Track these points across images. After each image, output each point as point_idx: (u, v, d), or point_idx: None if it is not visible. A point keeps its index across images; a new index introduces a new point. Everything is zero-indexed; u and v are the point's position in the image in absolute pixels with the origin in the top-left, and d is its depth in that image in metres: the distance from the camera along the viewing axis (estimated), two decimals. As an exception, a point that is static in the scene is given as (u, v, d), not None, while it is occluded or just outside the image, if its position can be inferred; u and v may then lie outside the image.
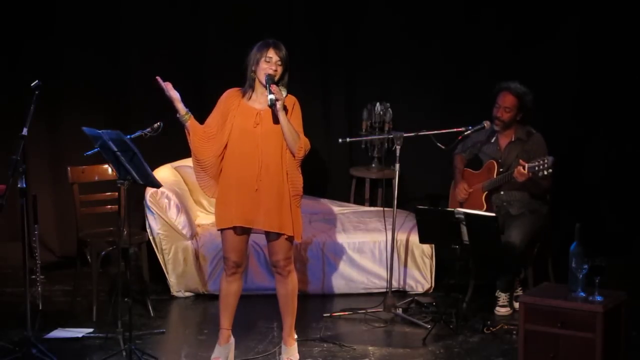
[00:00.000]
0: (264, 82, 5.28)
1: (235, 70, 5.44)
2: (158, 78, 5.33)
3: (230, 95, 5.44)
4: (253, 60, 5.33)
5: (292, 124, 5.29)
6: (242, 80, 5.41)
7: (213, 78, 7.73)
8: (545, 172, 6.23)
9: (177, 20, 7.84)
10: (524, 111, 6.60)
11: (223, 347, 5.55)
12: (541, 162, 6.23)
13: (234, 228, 5.37)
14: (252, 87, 5.38)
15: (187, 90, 7.86)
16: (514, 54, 7.76)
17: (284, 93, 5.33)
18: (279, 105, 5.24)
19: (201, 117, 7.44)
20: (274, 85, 5.26)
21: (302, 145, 5.31)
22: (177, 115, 5.38)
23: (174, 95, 5.38)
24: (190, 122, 5.39)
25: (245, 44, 5.41)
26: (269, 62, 5.29)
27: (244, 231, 5.42)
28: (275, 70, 5.29)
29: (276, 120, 5.29)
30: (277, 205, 5.33)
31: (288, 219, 5.34)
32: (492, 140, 6.71)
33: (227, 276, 5.48)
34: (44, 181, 7.66)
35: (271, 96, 5.21)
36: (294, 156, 5.32)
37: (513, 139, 6.64)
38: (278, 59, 5.30)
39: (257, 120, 5.33)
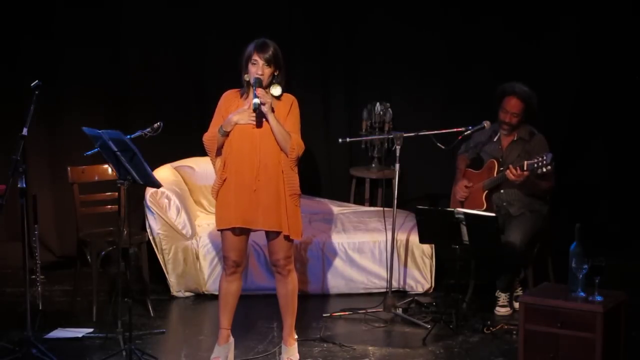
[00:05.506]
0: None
1: (235, 69, 5.44)
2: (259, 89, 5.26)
3: (228, 97, 5.44)
4: (243, 63, 5.35)
5: (282, 124, 5.28)
6: (242, 80, 5.41)
7: (213, 77, 7.73)
8: (544, 169, 6.24)
9: (177, 20, 7.84)
10: (530, 113, 6.60)
11: (222, 347, 5.55)
12: (540, 159, 6.23)
13: (233, 228, 5.38)
14: (248, 88, 5.38)
15: (187, 90, 7.96)
16: (515, 52, 7.76)
17: (279, 91, 5.33)
18: (264, 108, 5.24)
19: (201, 116, 7.47)
20: (260, 89, 5.26)
21: (294, 145, 5.31)
22: (226, 125, 5.33)
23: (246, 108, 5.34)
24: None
25: (245, 43, 5.40)
26: (255, 65, 5.30)
27: (244, 231, 5.41)
28: (262, 74, 5.29)
29: (265, 121, 5.29)
30: (275, 205, 5.33)
31: (286, 217, 5.35)
32: (495, 139, 6.71)
33: (227, 276, 5.48)
34: (44, 181, 7.66)
35: (255, 100, 5.22)
36: (287, 156, 5.33)
37: (515, 139, 6.64)
38: (263, 61, 5.29)
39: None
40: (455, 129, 6.57)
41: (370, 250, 7.02)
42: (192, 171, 7.50)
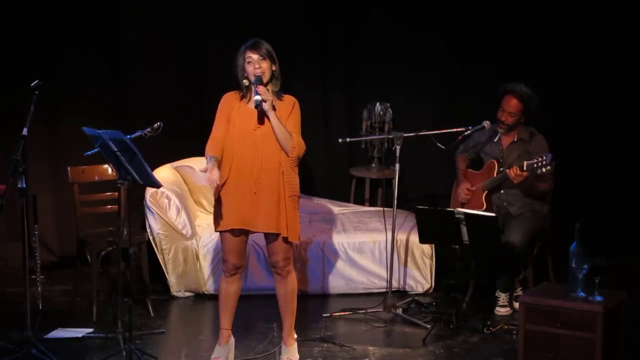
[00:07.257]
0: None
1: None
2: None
3: (229, 99, 5.44)
4: (240, 66, 5.35)
5: (283, 123, 5.29)
6: (240, 84, 5.40)
7: (214, 78, 7.73)
8: (544, 170, 6.25)
9: (177, 20, 7.84)
10: (528, 115, 6.60)
11: (223, 347, 5.55)
12: (539, 159, 6.24)
13: (232, 230, 5.38)
14: (248, 90, 5.38)
15: (187, 90, 7.96)
16: (515, 52, 7.75)
17: (277, 86, 5.34)
18: (265, 106, 5.25)
19: (201, 116, 7.48)
20: (261, 87, 5.27)
21: (294, 145, 5.31)
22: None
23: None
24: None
25: (244, 43, 5.40)
26: (250, 63, 5.31)
27: (242, 233, 5.41)
28: (260, 68, 5.30)
29: (266, 120, 5.29)
30: (275, 207, 5.32)
31: (285, 220, 5.34)
32: (495, 140, 6.72)
33: (227, 277, 5.48)
34: (44, 181, 7.66)
35: (257, 97, 5.23)
36: (287, 155, 5.32)
37: (515, 139, 6.65)
38: (258, 56, 5.30)
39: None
40: (455, 129, 6.58)
41: (370, 250, 7.02)
42: (192, 171, 7.50)
